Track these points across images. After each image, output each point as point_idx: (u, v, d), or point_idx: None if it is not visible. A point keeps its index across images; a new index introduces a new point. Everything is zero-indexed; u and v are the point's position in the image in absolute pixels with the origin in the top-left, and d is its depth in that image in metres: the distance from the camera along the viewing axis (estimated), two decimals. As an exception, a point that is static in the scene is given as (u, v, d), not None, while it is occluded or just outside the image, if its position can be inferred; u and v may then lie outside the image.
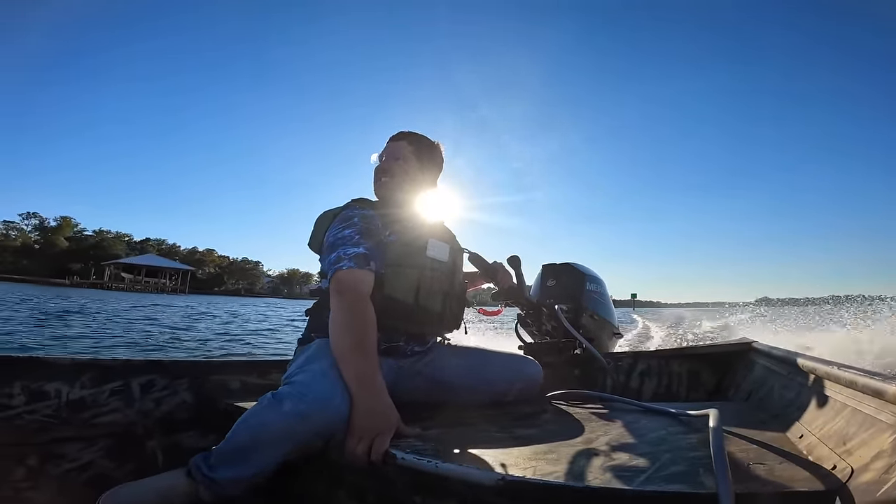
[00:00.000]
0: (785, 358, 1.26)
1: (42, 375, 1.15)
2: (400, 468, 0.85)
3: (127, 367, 1.27)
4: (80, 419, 1.17)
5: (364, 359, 1.01)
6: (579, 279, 2.35)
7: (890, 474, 0.63)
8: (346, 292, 1.09)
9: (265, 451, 0.91)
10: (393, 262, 1.22)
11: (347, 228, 1.21)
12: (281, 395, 0.94)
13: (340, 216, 1.26)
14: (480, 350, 1.42)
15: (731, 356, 1.78)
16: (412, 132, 1.44)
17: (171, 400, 1.31)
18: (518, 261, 1.72)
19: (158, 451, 1.24)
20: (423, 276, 1.26)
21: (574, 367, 1.91)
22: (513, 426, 1.07)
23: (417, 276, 1.25)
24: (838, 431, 0.82)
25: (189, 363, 1.39)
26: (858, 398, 0.83)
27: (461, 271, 1.45)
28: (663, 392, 1.87)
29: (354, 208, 1.28)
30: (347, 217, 1.24)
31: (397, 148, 1.39)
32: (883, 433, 0.71)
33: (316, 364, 1.03)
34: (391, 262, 1.22)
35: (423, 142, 1.43)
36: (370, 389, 0.98)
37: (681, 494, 0.68)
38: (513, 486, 0.73)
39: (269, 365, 1.54)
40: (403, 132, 1.43)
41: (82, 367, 1.20)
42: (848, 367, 0.92)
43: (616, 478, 0.73)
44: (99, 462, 1.16)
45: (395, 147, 1.39)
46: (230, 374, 1.44)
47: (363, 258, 1.15)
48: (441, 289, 1.31)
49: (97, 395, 1.20)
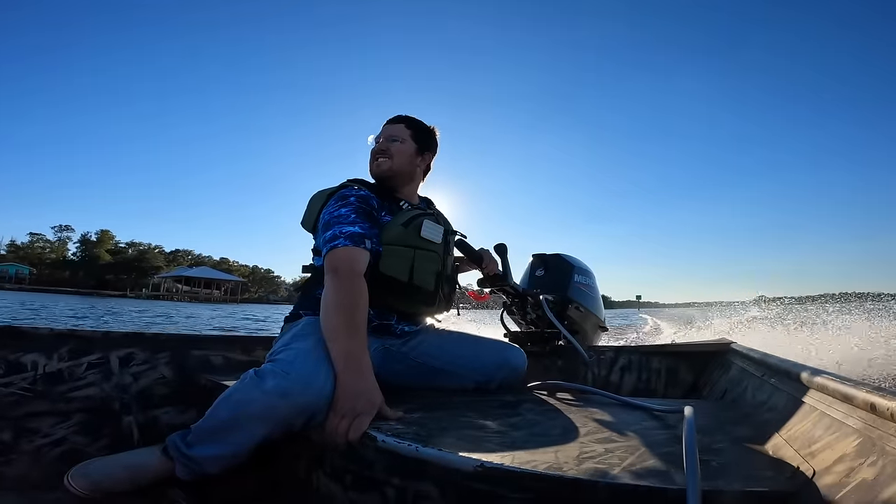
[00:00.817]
0: (760, 360, 1.29)
1: (20, 346, 1.12)
2: (379, 450, 0.86)
3: (107, 338, 1.25)
4: (56, 393, 1.15)
5: (353, 338, 1.01)
6: (567, 270, 2.37)
7: (850, 478, 0.65)
8: (341, 270, 1.09)
9: (246, 430, 0.91)
10: (387, 241, 1.23)
11: (344, 207, 1.21)
12: (263, 373, 0.94)
13: (337, 195, 1.26)
14: (466, 336, 1.43)
15: (708, 355, 1.82)
16: (409, 116, 1.43)
17: (151, 374, 1.29)
18: (504, 248, 1.72)
19: (134, 426, 1.23)
20: (416, 255, 1.27)
21: (557, 358, 1.94)
22: (494, 414, 1.08)
23: (411, 256, 1.26)
24: (805, 433, 0.85)
25: (171, 336, 1.37)
26: (828, 402, 0.85)
27: (453, 254, 1.46)
28: (642, 387, 1.91)
29: (351, 188, 1.27)
30: (343, 196, 1.24)
31: (395, 130, 1.39)
32: (848, 437, 0.73)
33: (301, 342, 1.03)
34: (386, 242, 1.23)
35: (420, 125, 1.43)
36: (357, 369, 0.98)
37: (652, 489, 0.70)
38: (491, 473, 0.74)
39: (254, 341, 1.53)
40: (401, 115, 1.43)
41: (62, 337, 1.18)
42: (820, 371, 0.94)
43: (591, 469, 0.75)
44: (72, 438, 1.14)
45: (393, 129, 1.39)
46: (213, 350, 1.42)
47: (359, 237, 1.15)
48: (434, 269, 1.32)
49: (74, 367, 1.19)
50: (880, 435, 0.67)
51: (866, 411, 0.73)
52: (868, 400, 0.72)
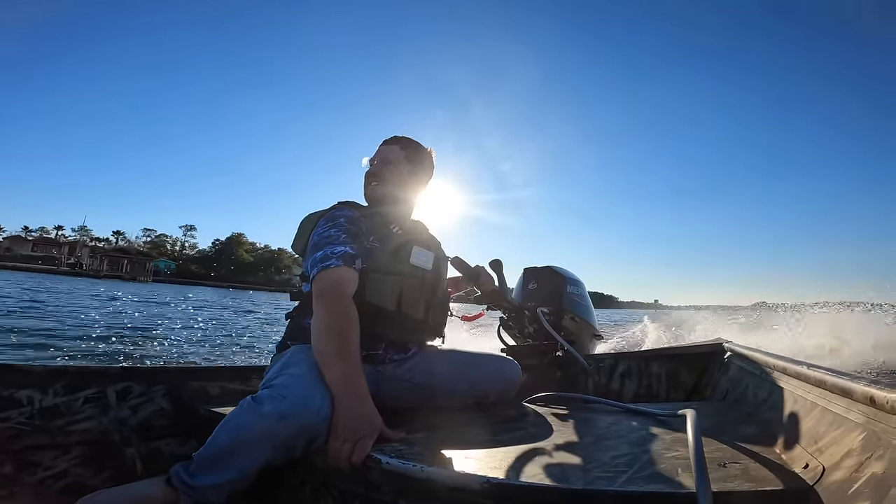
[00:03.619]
0: (758, 358, 1.30)
1: (13, 382, 1.11)
2: (384, 472, 0.84)
3: (100, 374, 1.23)
4: (55, 426, 1.13)
5: (347, 362, 1.00)
6: (560, 282, 2.39)
7: (859, 473, 0.65)
8: (330, 292, 1.08)
9: (246, 455, 0.90)
10: (375, 268, 1.21)
11: (333, 228, 1.20)
12: (261, 398, 0.93)
13: (327, 216, 1.25)
14: (459, 352, 1.41)
15: (707, 357, 1.83)
16: (405, 137, 1.42)
17: (149, 407, 1.27)
18: (500, 264, 1.73)
19: (137, 458, 1.21)
20: (405, 283, 1.25)
21: (556, 369, 1.93)
22: (496, 429, 1.07)
23: (399, 284, 1.24)
24: (809, 430, 0.85)
25: (165, 369, 1.36)
26: (828, 397, 0.86)
27: (444, 280, 1.44)
28: (644, 393, 1.91)
29: (341, 209, 1.27)
30: (333, 217, 1.23)
31: (389, 152, 1.37)
32: (852, 432, 0.74)
33: (294, 368, 1.02)
34: (373, 269, 1.21)
35: (415, 147, 1.41)
36: (354, 393, 0.97)
37: (661, 494, 0.70)
38: (497, 489, 0.74)
39: (249, 371, 1.52)
40: (396, 136, 1.41)
41: (55, 373, 1.17)
42: (817, 367, 0.95)
43: (598, 478, 0.74)
44: (74, 470, 1.13)
45: (387, 151, 1.37)
46: (209, 380, 1.41)
47: (349, 257, 1.14)
48: (423, 297, 1.30)
49: (71, 402, 1.17)
50: (884, 429, 0.67)
51: (866, 405, 0.73)
52: (867, 393, 0.73)
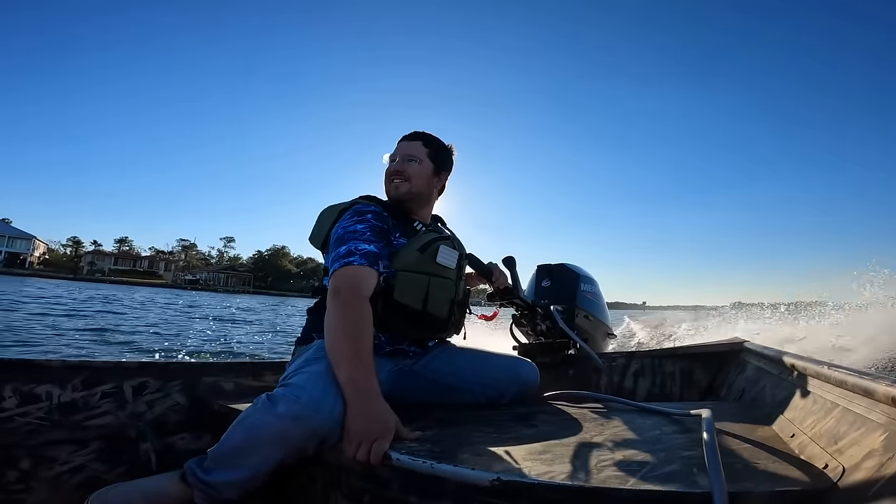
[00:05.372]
0: (776, 357, 1.27)
1: (33, 378, 1.14)
2: (395, 469, 0.85)
3: (118, 369, 1.26)
4: (72, 421, 1.16)
5: (359, 364, 0.99)
6: (574, 279, 2.37)
7: (881, 473, 0.63)
8: (344, 292, 1.06)
9: (260, 453, 0.91)
10: (403, 267, 1.20)
11: (360, 223, 1.17)
12: (276, 398, 0.94)
13: (353, 209, 1.22)
14: (477, 351, 1.41)
15: (723, 356, 1.80)
16: (427, 133, 1.38)
17: (164, 402, 1.30)
18: (513, 261, 1.72)
19: (152, 453, 1.24)
20: (431, 283, 1.24)
21: (568, 368, 1.92)
22: (508, 426, 1.07)
23: (426, 283, 1.23)
24: (829, 430, 0.83)
25: (182, 365, 1.38)
26: (849, 397, 0.84)
27: (465, 279, 1.43)
28: (657, 392, 1.88)
29: (368, 205, 1.24)
30: (360, 212, 1.20)
31: (411, 148, 1.33)
32: (873, 432, 0.72)
33: (314, 366, 1.02)
34: (401, 268, 1.19)
35: (438, 144, 1.37)
36: (366, 395, 0.96)
37: (676, 493, 0.69)
38: (508, 487, 0.73)
39: (263, 366, 1.54)
40: (418, 132, 1.37)
41: (73, 369, 1.19)
42: (838, 367, 0.93)
43: (611, 477, 0.73)
44: (91, 465, 1.15)
45: (410, 147, 1.33)
46: (224, 376, 1.43)
47: (374, 256, 1.12)
48: (448, 297, 1.29)
49: (88, 397, 1.19)
50: None
51: (889, 405, 0.71)
52: (889, 393, 0.71)
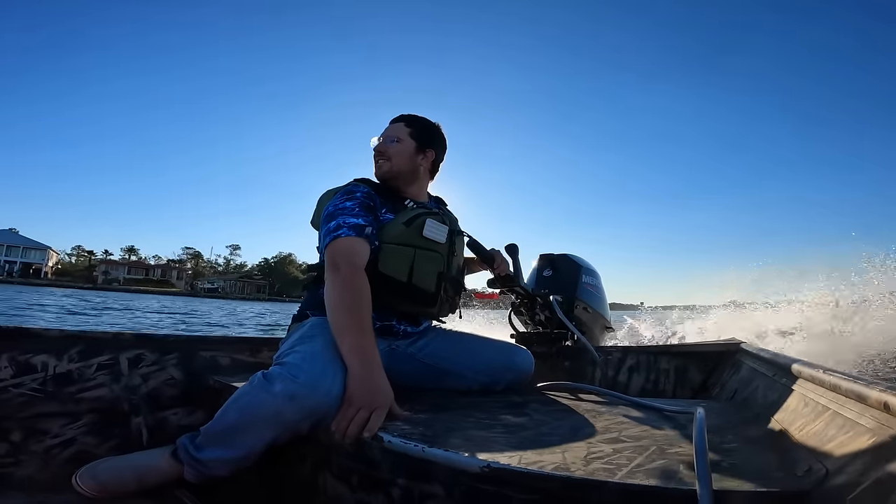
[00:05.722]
0: (771, 360, 1.27)
1: (30, 347, 1.13)
2: (386, 451, 0.85)
3: (116, 340, 1.26)
4: (66, 394, 1.15)
5: (363, 335, 1.01)
6: (575, 271, 2.36)
7: (864, 477, 0.64)
8: (342, 265, 1.09)
9: (254, 433, 0.91)
10: (388, 240, 1.23)
11: (349, 200, 1.22)
12: (272, 376, 0.94)
13: (344, 190, 1.28)
14: (473, 336, 1.42)
15: (718, 355, 1.80)
16: (411, 114, 1.43)
17: (160, 375, 1.30)
18: (516, 249, 1.72)
19: (143, 428, 1.24)
20: (417, 255, 1.26)
21: (564, 359, 1.93)
22: (501, 414, 1.08)
23: (412, 256, 1.25)
24: (817, 433, 0.83)
25: (179, 338, 1.38)
26: (840, 401, 0.84)
27: (461, 255, 1.45)
28: (651, 388, 1.89)
29: (358, 185, 1.29)
30: (350, 191, 1.26)
31: (393, 130, 1.39)
32: (861, 437, 0.72)
33: (308, 344, 1.03)
34: (386, 240, 1.23)
35: (420, 122, 1.42)
36: (369, 364, 0.98)
37: (662, 489, 0.69)
38: (497, 474, 0.74)
39: (260, 342, 1.55)
40: (402, 115, 1.43)
41: (71, 339, 1.19)
42: (832, 371, 0.93)
43: (600, 469, 0.74)
44: (82, 439, 1.15)
45: (392, 129, 1.39)
46: (220, 351, 1.44)
47: (361, 228, 1.16)
48: (435, 270, 1.30)
49: (84, 368, 1.19)
50: (895, 434, 0.65)
51: (880, 410, 0.71)
52: (882, 399, 0.70)
